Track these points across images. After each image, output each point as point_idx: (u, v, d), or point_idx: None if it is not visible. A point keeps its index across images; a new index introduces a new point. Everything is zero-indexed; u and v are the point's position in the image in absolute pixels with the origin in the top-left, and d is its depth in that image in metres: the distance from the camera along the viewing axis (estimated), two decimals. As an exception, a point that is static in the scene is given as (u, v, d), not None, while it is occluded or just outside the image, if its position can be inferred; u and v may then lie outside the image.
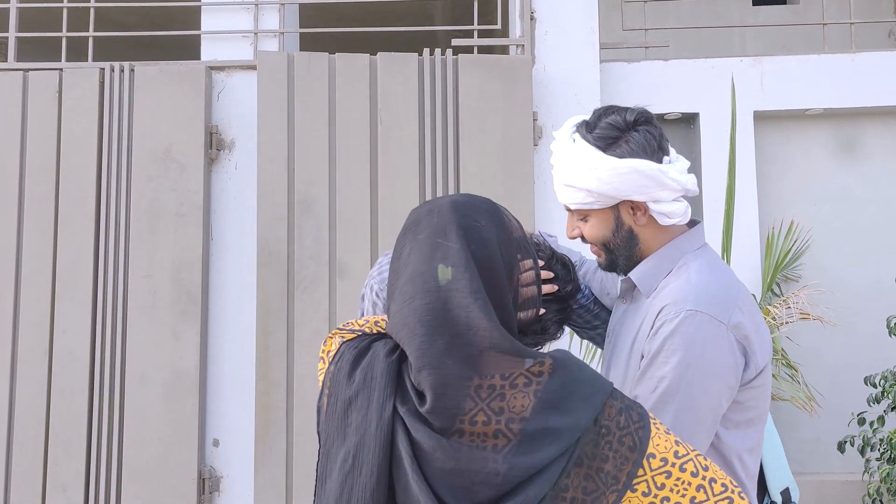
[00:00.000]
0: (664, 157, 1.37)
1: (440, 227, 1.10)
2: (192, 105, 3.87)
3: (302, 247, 3.71)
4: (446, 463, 1.00)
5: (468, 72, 3.83)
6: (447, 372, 1.01)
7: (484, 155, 3.81)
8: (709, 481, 1.05)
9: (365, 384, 1.06)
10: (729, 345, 1.31)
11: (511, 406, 1.01)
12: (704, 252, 1.44)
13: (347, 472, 1.03)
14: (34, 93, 3.88)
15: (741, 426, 1.36)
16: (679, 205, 1.39)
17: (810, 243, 4.07)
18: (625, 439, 1.03)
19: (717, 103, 4.08)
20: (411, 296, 1.07)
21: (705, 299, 1.33)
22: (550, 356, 1.05)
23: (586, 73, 4.02)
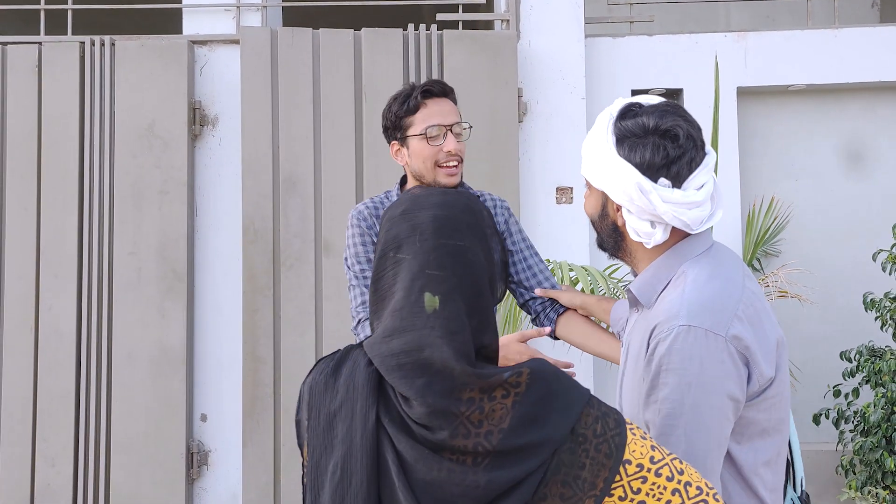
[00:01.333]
0: (661, 180, 1.31)
1: (424, 252, 1.09)
2: (175, 80, 3.83)
3: (287, 224, 3.72)
4: (427, 474, 1.02)
5: (453, 47, 3.82)
6: (431, 400, 1.03)
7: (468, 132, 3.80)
8: (684, 485, 1.07)
9: (348, 395, 1.08)
10: (730, 357, 1.26)
11: (490, 419, 1.02)
12: (707, 256, 1.37)
13: (338, 482, 1.05)
14: (13, 67, 3.83)
15: (754, 438, 1.32)
16: (650, 229, 1.34)
17: (791, 219, 4.13)
18: (601, 447, 1.04)
19: (700, 78, 4.10)
20: (391, 332, 1.08)
21: (699, 312, 1.28)
22: (528, 367, 1.06)
23: (571, 48, 4.01)
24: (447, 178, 2.00)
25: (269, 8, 4.08)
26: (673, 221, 1.32)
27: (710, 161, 1.36)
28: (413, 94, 1.97)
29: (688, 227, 1.34)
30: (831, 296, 4.02)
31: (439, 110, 1.99)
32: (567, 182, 3.98)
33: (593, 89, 4.07)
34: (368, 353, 1.10)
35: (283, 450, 3.63)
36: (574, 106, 3.99)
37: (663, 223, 1.34)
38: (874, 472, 3.32)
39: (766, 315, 1.33)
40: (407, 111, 1.97)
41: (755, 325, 1.29)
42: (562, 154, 3.98)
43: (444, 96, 2.02)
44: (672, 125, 1.33)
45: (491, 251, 1.15)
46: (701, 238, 1.38)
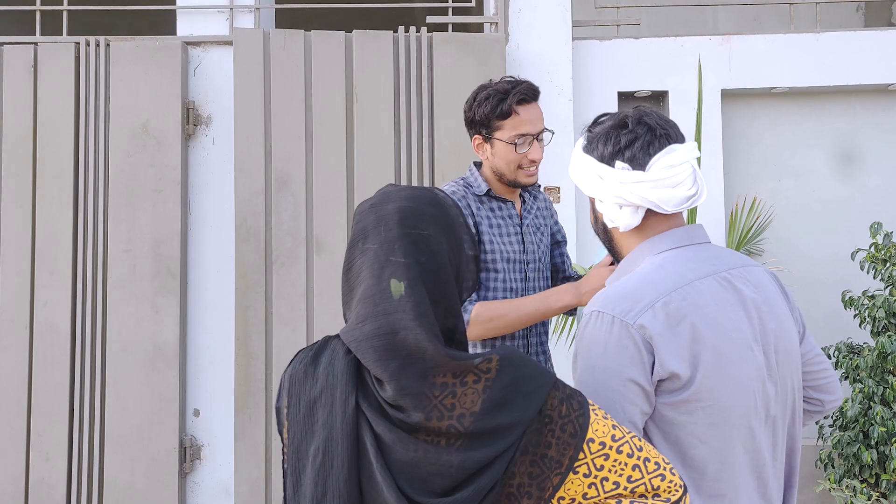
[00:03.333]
0: (618, 163, 1.38)
1: (388, 241, 1.15)
2: (169, 80, 3.90)
3: (279, 222, 3.79)
4: (405, 455, 1.08)
5: (442, 49, 3.89)
6: (404, 383, 1.09)
7: (458, 132, 3.87)
8: (643, 461, 1.15)
9: (328, 382, 1.13)
10: (633, 344, 1.29)
11: (462, 403, 1.08)
12: (674, 252, 1.40)
13: (319, 466, 1.11)
14: (9, 67, 3.88)
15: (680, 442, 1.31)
16: (620, 212, 1.40)
17: (773, 218, 4.21)
18: (566, 427, 1.11)
19: (686, 81, 4.18)
20: (363, 318, 1.13)
21: (614, 299, 1.34)
22: (497, 353, 1.12)
23: (559, 50, 4.09)
24: (527, 179, 2.11)
25: (262, 10, 4.15)
26: (638, 201, 1.37)
27: (681, 147, 1.39)
28: (507, 100, 2.05)
29: (658, 207, 1.37)
30: (812, 293, 4.11)
31: (529, 118, 2.09)
32: (554, 181, 4.05)
33: (581, 91, 4.15)
34: (344, 340, 1.15)
35: (274, 444, 3.69)
36: (562, 107, 4.06)
37: (630, 205, 1.39)
38: (852, 465, 3.40)
39: (711, 317, 1.32)
40: (499, 115, 2.05)
41: (676, 320, 1.30)
42: (549, 154, 4.03)
43: (534, 100, 2.13)
44: (623, 116, 1.42)
45: (459, 242, 1.20)
46: (668, 237, 1.41)
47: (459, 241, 1.20)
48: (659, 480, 1.14)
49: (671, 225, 1.43)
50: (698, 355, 1.30)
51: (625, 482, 1.13)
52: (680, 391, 1.30)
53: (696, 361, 1.30)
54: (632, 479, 1.13)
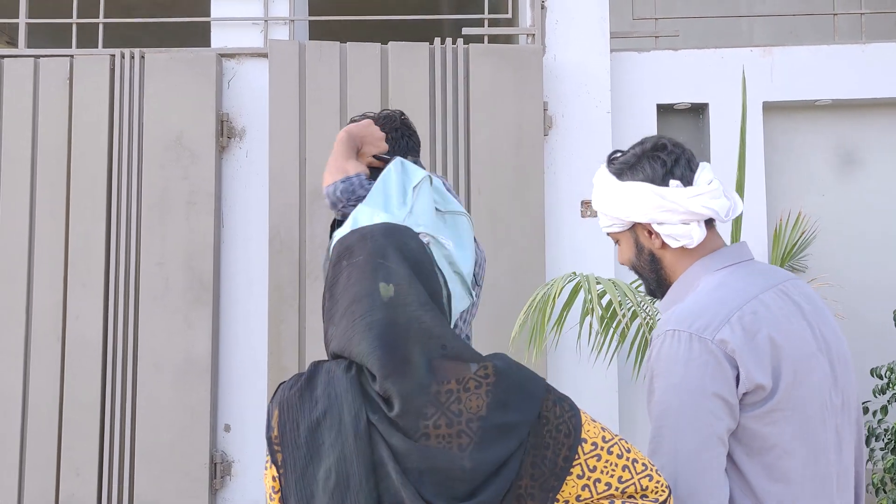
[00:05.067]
0: (672, 181, 1.42)
1: (377, 249, 1.18)
2: (203, 92, 3.87)
3: (313, 235, 3.74)
4: (421, 464, 1.08)
5: (479, 61, 3.84)
6: (410, 379, 1.10)
7: (494, 145, 3.82)
8: (632, 462, 1.18)
9: (331, 403, 1.12)
10: (714, 359, 1.31)
11: (468, 407, 1.11)
12: (729, 270, 1.43)
13: (334, 486, 1.09)
14: (45, 79, 3.88)
15: (763, 454, 1.32)
16: (686, 227, 1.42)
17: (817, 234, 4.09)
18: (561, 427, 1.15)
19: (726, 93, 4.09)
20: (362, 314, 1.14)
21: (687, 317, 1.35)
22: (491, 360, 1.16)
23: (596, 62, 4.02)
24: None
25: (297, 22, 4.12)
26: (703, 211, 1.41)
27: (707, 165, 1.48)
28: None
29: (718, 216, 1.43)
30: (861, 311, 3.98)
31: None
32: (592, 195, 3.97)
33: (618, 103, 4.08)
34: (339, 341, 1.16)
35: (306, 461, 3.62)
36: (599, 119, 3.99)
37: (695, 217, 1.42)
38: (905, 490, 3.27)
39: (783, 328, 1.34)
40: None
41: (752, 333, 1.32)
42: (587, 167, 3.98)
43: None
44: (655, 142, 1.47)
45: (438, 272, 1.24)
46: (721, 255, 1.45)
47: (440, 273, 1.25)
48: (647, 481, 1.18)
49: (718, 245, 1.47)
50: (779, 366, 1.32)
51: (616, 483, 1.16)
52: (764, 402, 1.31)
53: (777, 372, 1.32)
54: (622, 480, 1.17)
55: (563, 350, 3.88)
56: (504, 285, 3.68)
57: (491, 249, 3.73)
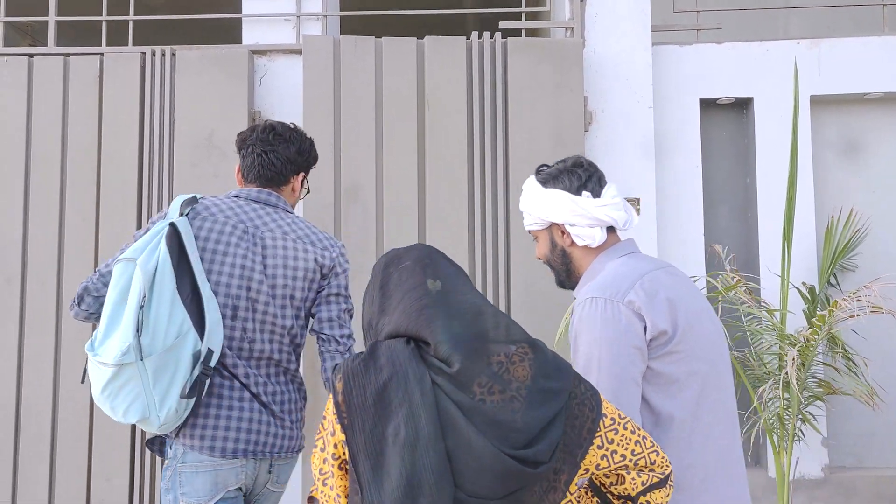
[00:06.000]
0: (584, 192, 1.77)
1: (423, 254, 1.40)
2: (235, 90, 3.79)
3: (348, 235, 3.64)
4: (484, 417, 1.23)
5: (517, 55, 3.73)
6: (469, 346, 1.27)
7: (533, 141, 3.71)
8: (642, 437, 1.39)
9: (395, 369, 1.25)
10: (625, 316, 1.62)
11: (516, 377, 1.27)
12: (627, 256, 1.77)
13: (404, 440, 1.20)
14: (75, 78, 3.82)
15: (667, 387, 1.64)
16: (592, 230, 1.77)
17: (868, 232, 3.95)
18: (586, 401, 1.32)
19: (772, 87, 3.96)
20: (419, 298, 1.32)
21: (602, 288, 1.67)
22: (526, 342, 1.34)
23: (637, 56, 3.90)
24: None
25: (329, 18, 4.04)
26: (607, 220, 1.76)
27: (614, 185, 1.82)
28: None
29: (617, 224, 1.79)
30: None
31: None
32: (634, 193, 3.85)
33: (660, 98, 3.96)
34: (397, 323, 1.32)
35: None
36: (641, 115, 3.87)
37: (599, 223, 1.77)
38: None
39: (674, 292, 1.68)
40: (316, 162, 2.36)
41: (652, 294, 1.65)
42: (629, 164, 3.86)
43: None
44: (575, 160, 1.83)
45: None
46: (620, 247, 1.80)
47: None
48: (655, 455, 1.38)
49: (615, 241, 1.82)
50: (675, 317, 1.66)
51: (630, 455, 1.35)
52: (666, 344, 1.64)
53: (675, 321, 1.65)
54: (635, 453, 1.36)
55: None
56: (543, 289, 3.56)
57: (529, 250, 3.61)
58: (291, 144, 2.24)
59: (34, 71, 3.83)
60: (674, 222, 3.95)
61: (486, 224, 3.68)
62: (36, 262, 3.73)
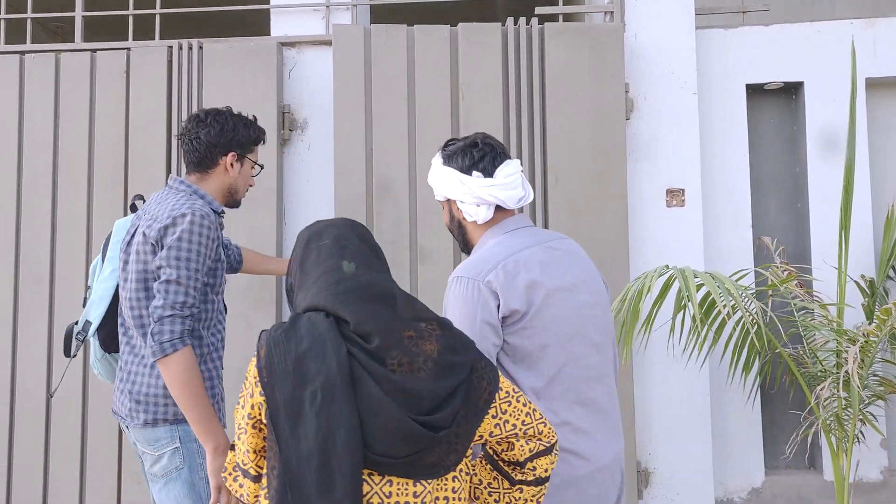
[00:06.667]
0: (474, 172, 1.93)
1: (342, 234, 1.52)
2: (263, 83, 3.69)
3: (380, 231, 3.52)
4: (394, 386, 1.38)
5: (555, 41, 3.58)
6: (384, 324, 1.40)
7: (572, 130, 3.56)
8: (532, 409, 1.55)
9: (314, 339, 1.38)
10: (480, 293, 1.81)
11: (423, 350, 1.42)
12: (510, 234, 1.94)
13: (320, 404, 1.34)
14: (102, 73, 3.75)
15: (524, 360, 1.83)
16: (476, 208, 1.94)
17: (928, 222, 3.73)
18: (485, 375, 1.48)
19: (824, 70, 3.76)
20: (336, 281, 1.45)
21: (468, 268, 1.86)
22: (434, 320, 1.47)
23: (680, 40, 3.73)
24: (242, 200, 2.48)
25: (359, 7, 3.92)
26: (491, 199, 1.93)
27: (513, 162, 1.97)
28: (263, 130, 2.48)
29: (505, 204, 1.94)
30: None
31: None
32: (678, 184, 3.68)
33: (705, 84, 3.78)
34: (315, 300, 1.44)
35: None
36: (685, 102, 3.70)
37: (485, 202, 1.93)
38: None
39: (538, 271, 1.86)
40: (255, 140, 2.44)
41: (512, 275, 1.83)
42: (673, 153, 3.69)
43: None
44: (473, 139, 1.97)
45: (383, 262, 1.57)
46: (504, 224, 1.97)
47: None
48: (542, 426, 1.54)
49: (506, 217, 1.98)
50: (532, 296, 1.83)
51: (520, 425, 1.51)
52: (519, 321, 1.82)
53: (530, 300, 1.83)
54: (525, 423, 1.51)
55: (650, 351, 3.59)
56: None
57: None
58: (212, 128, 2.34)
59: (61, 67, 3.77)
60: (720, 214, 3.77)
61: None
62: (64, 261, 3.67)
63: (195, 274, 2.11)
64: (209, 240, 2.16)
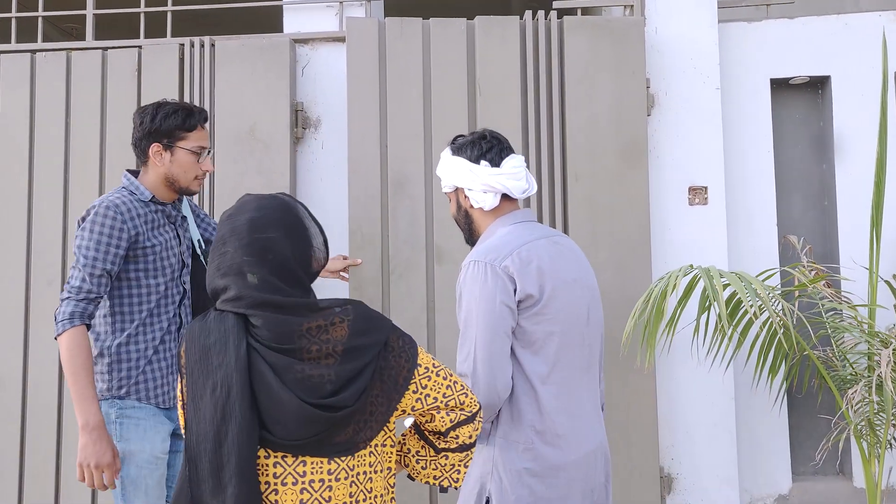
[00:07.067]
0: (483, 162, 2.05)
1: (242, 247, 1.54)
2: (276, 81, 3.63)
3: (396, 230, 3.44)
4: (297, 374, 1.47)
5: (575, 35, 3.49)
6: (286, 325, 1.49)
7: (592, 126, 3.47)
8: (453, 383, 1.63)
9: (221, 334, 1.48)
10: (499, 277, 1.91)
11: (334, 336, 1.50)
12: (518, 225, 2.05)
13: (218, 395, 1.45)
14: (113, 71, 3.70)
15: (532, 345, 1.94)
16: (486, 195, 2.06)
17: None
18: (402, 354, 1.55)
19: (852, 64, 3.65)
20: (237, 297, 1.51)
21: (485, 253, 1.96)
22: (352, 305, 1.55)
23: (703, 34, 3.63)
24: (196, 187, 2.52)
25: (373, 3, 3.85)
26: (499, 187, 2.05)
27: (517, 155, 2.11)
28: (194, 116, 2.46)
29: (511, 192, 2.07)
30: None
31: (205, 135, 2.51)
32: (700, 181, 3.58)
33: (728, 79, 3.68)
34: (225, 307, 1.52)
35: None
36: (707, 97, 3.60)
37: (493, 190, 2.06)
38: None
39: (547, 261, 1.98)
40: (186, 127, 2.44)
41: (526, 262, 1.94)
42: (695, 150, 3.59)
43: (205, 123, 2.52)
44: (481, 133, 2.11)
45: (303, 236, 1.59)
46: (513, 216, 2.08)
47: (302, 236, 1.59)
48: (464, 397, 1.63)
49: (513, 209, 2.11)
50: (543, 284, 1.95)
51: (441, 397, 1.60)
52: (533, 306, 1.93)
53: (542, 287, 1.94)
54: (446, 395, 1.60)
55: (673, 354, 3.49)
56: (607, 280, 3.32)
57: (590, 242, 3.38)
58: (137, 123, 2.46)
59: (72, 66, 3.72)
60: (744, 212, 3.67)
61: (542, 217, 3.45)
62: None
63: (93, 262, 2.28)
64: (111, 229, 2.32)
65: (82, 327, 2.27)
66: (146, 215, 2.42)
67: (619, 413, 3.33)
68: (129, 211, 2.37)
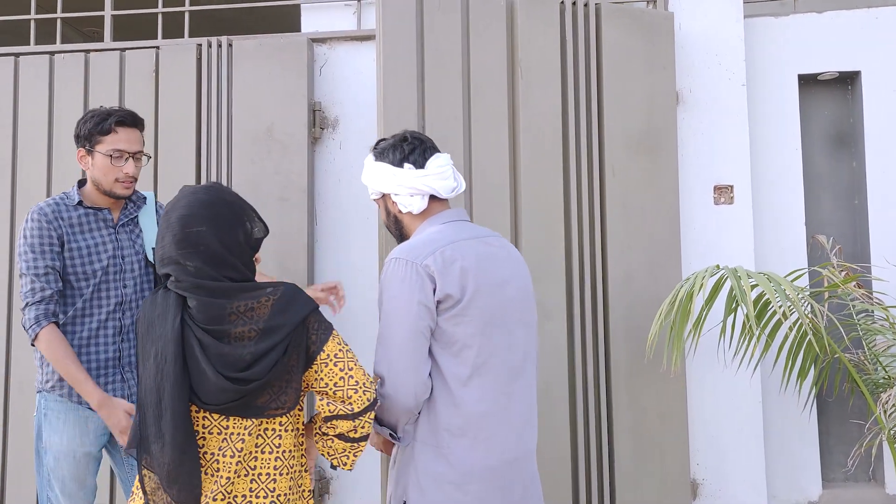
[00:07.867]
0: (406, 165, 2.00)
1: (177, 241, 1.75)
2: (294, 80, 3.58)
3: (415, 230, 3.37)
4: (219, 350, 1.69)
5: (610, 23, 3.33)
6: (214, 309, 1.71)
7: (626, 120, 3.34)
8: (349, 377, 1.76)
9: (164, 308, 1.73)
10: (418, 276, 1.85)
11: (258, 313, 1.71)
12: (448, 224, 2.00)
13: (159, 361, 1.70)
14: (131, 72, 3.68)
15: (451, 347, 1.89)
16: (413, 199, 2.01)
17: None
18: (313, 337, 1.75)
19: (883, 59, 3.56)
20: (176, 279, 1.75)
21: (406, 249, 1.91)
22: (282, 285, 1.75)
23: (728, 29, 3.55)
24: (122, 190, 2.52)
25: None
26: (425, 189, 1.99)
27: (442, 154, 2.05)
28: (108, 120, 2.46)
29: (438, 193, 2.01)
30: None
31: (126, 138, 2.49)
32: (726, 180, 3.50)
33: (755, 75, 3.59)
34: (174, 289, 1.75)
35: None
36: (733, 93, 3.52)
37: (419, 192, 2.00)
38: None
39: (473, 262, 1.92)
40: (100, 131, 2.46)
41: (449, 261, 1.88)
42: (720, 148, 3.51)
43: (134, 126, 2.51)
44: (402, 136, 2.05)
45: (231, 226, 1.78)
46: (441, 216, 2.02)
47: (234, 226, 1.78)
48: (352, 392, 1.75)
49: (443, 209, 2.05)
50: (466, 285, 1.89)
51: (332, 385, 1.75)
52: (453, 307, 1.88)
53: (464, 289, 1.89)
54: (337, 385, 1.75)
55: (699, 356, 3.41)
56: (640, 280, 3.24)
57: (623, 240, 3.29)
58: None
59: (90, 67, 3.70)
60: (771, 211, 3.58)
61: (581, 216, 3.29)
62: (93, 263, 3.59)
63: (34, 263, 2.38)
64: (40, 230, 2.41)
65: (51, 325, 2.36)
66: (72, 218, 2.48)
67: (649, 417, 3.24)
68: (54, 212, 2.45)
